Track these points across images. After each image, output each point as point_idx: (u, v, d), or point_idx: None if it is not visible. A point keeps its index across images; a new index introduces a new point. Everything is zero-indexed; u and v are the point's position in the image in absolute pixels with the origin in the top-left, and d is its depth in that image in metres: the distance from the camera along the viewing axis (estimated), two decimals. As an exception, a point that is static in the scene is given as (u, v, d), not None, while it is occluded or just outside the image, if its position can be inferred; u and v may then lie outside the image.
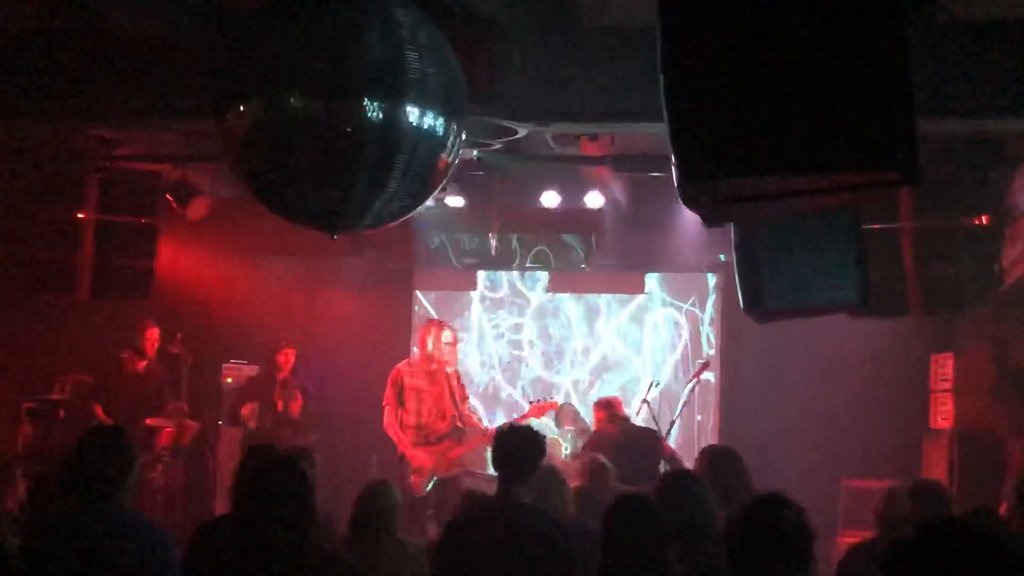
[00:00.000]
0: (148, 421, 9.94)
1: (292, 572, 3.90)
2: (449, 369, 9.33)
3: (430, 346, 9.28)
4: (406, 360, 9.55)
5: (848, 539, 9.53)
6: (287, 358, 10.52)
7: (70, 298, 9.26)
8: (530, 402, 10.03)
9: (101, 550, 4.13)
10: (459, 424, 9.29)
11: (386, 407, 9.17)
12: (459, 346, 9.81)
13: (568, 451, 10.50)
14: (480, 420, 9.83)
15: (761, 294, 6.25)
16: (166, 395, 10.21)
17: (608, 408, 9.33)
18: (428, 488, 9.04)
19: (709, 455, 6.06)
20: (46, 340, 10.98)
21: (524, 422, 7.99)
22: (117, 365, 10.15)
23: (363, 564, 4.88)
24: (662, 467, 9.12)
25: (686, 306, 11.86)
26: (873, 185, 3.62)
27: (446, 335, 9.39)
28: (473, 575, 4.76)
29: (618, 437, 9.09)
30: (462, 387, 9.48)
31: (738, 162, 3.55)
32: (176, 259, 10.52)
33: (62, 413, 10.24)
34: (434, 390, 9.24)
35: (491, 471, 9.96)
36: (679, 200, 10.09)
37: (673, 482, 4.97)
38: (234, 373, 11.40)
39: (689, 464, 8.64)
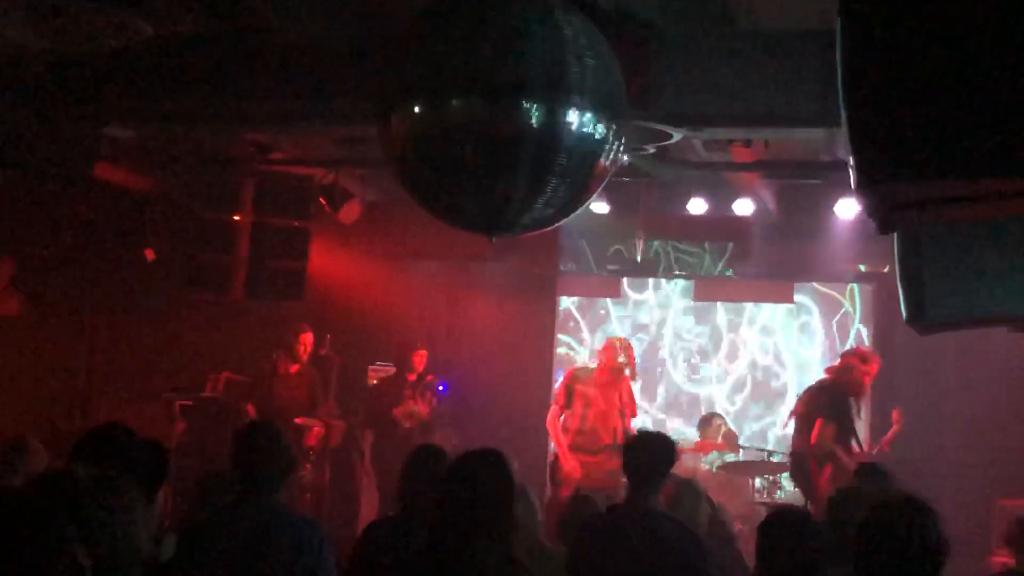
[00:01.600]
0: (297, 420, 10.11)
1: None
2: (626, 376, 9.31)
3: (613, 358, 9.25)
4: (584, 364, 9.50)
5: (1002, 560, 9.22)
6: (420, 359, 10.56)
7: (225, 298, 9.48)
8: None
9: (257, 545, 4.18)
10: (621, 441, 9.15)
11: (553, 405, 9.18)
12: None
13: (709, 463, 10.36)
14: None
15: (925, 304, 6.05)
16: (318, 397, 10.35)
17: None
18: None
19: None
20: (200, 339, 11.29)
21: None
22: (270, 366, 10.32)
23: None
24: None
25: (836, 316, 11.62)
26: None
27: (624, 349, 9.37)
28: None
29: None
30: (632, 403, 9.38)
31: (920, 166, 3.45)
32: (326, 262, 10.67)
33: (215, 411, 10.49)
34: (604, 401, 9.19)
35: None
36: (831, 207, 9.93)
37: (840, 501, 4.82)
38: (379, 375, 11.53)
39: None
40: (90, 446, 3.61)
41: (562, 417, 9.19)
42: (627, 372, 9.28)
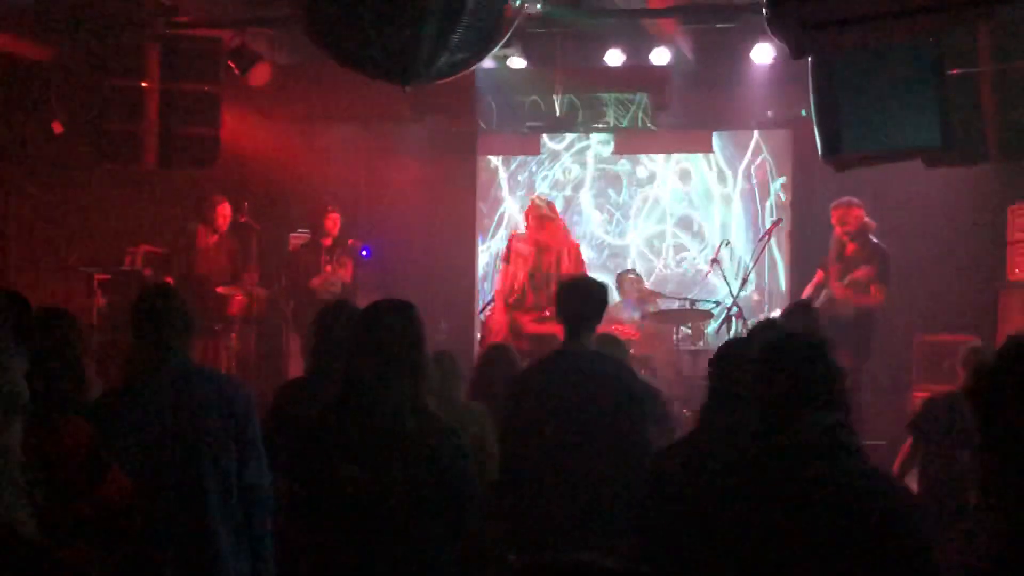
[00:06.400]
0: (219, 290, 9.99)
1: (397, 430, 3.65)
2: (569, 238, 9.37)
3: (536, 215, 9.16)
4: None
5: (922, 394, 9.45)
6: (333, 222, 10.40)
7: (136, 168, 9.25)
8: None
9: (184, 404, 4.08)
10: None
11: (501, 264, 9.20)
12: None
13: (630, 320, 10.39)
14: None
15: (840, 139, 6.13)
16: (238, 267, 10.23)
17: None
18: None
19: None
20: (116, 212, 11.04)
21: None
22: (188, 238, 10.15)
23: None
24: None
25: (755, 163, 11.66)
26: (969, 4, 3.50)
27: (537, 210, 9.22)
28: (543, 420, 4.79)
29: None
30: (579, 263, 9.20)
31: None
32: (239, 128, 10.42)
33: (134, 285, 10.32)
34: (538, 262, 9.09)
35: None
36: (747, 54, 9.87)
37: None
38: (301, 242, 11.41)
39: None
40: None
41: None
42: (550, 234, 9.14)
